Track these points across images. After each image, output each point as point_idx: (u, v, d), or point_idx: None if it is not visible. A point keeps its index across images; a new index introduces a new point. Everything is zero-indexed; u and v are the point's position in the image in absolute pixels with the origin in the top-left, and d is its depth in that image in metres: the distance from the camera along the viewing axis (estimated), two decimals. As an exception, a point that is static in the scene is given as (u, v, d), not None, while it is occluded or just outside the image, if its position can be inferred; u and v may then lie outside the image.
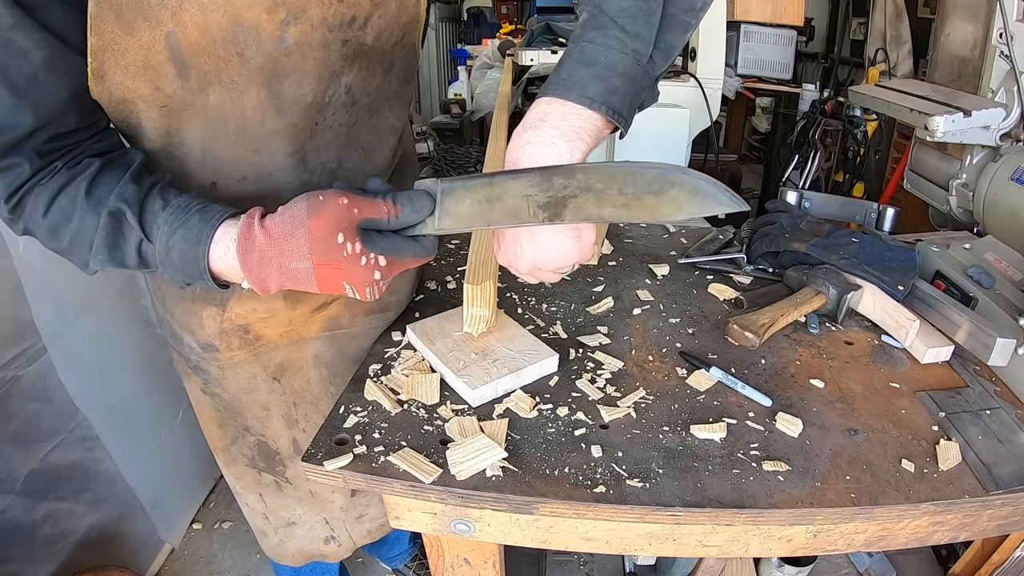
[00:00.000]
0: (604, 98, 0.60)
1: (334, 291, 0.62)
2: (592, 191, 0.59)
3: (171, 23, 0.59)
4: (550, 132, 0.60)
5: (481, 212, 0.62)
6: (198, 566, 1.70)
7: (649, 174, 0.59)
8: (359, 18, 0.68)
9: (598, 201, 0.59)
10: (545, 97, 0.62)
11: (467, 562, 0.84)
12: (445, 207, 0.62)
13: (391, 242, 0.63)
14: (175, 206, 0.63)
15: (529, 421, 0.77)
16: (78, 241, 0.64)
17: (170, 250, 0.63)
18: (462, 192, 0.62)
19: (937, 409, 0.81)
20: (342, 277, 0.61)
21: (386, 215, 0.61)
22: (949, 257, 1.11)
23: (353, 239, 0.60)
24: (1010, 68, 1.13)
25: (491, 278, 0.85)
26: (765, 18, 2.90)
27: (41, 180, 0.62)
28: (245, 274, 0.62)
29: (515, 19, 5.85)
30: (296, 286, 0.62)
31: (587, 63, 0.61)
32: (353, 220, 0.60)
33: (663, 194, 0.58)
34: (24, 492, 1.25)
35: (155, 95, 0.64)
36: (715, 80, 1.60)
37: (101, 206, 0.62)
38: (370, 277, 0.62)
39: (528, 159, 0.60)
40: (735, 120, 4.53)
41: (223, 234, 0.62)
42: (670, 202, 0.58)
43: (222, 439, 1.01)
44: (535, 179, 0.60)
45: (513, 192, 0.60)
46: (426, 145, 2.76)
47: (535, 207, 0.60)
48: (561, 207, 0.59)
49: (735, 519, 0.66)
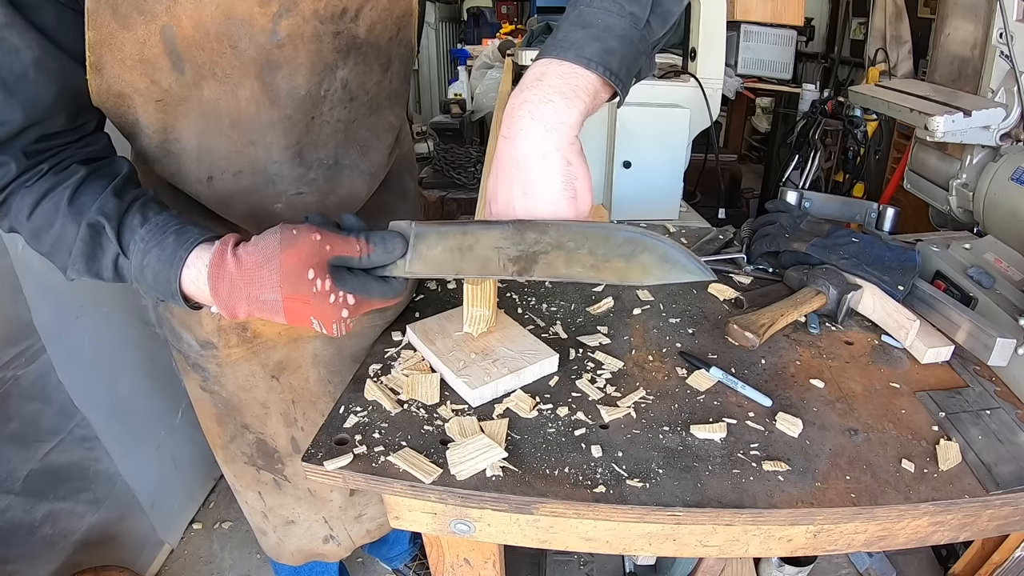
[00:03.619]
0: (601, 59, 0.60)
1: (301, 324, 0.63)
2: (563, 249, 0.60)
3: (166, 17, 0.60)
4: (547, 90, 0.59)
5: (452, 260, 0.62)
6: (198, 566, 1.70)
7: (620, 237, 0.60)
8: (350, 10, 0.69)
9: (568, 260, 0.60)
10: (542, 58, 0.61)
11: (467, 562, 0.84)
12: (417, 251, 0.63)
13: (361, 281, 0.63)
14: (153, 224, 0.64)
15: (529, 421, 0.76)
16: (59, 247, 0.64)
17: (144, 268, 0.63)
18: (435, 238, 0.63)
19: (937, 409, 0.81)
20: (310, 312, 0.61)
21: (358, 254, 0.62)
22: (949, 257, 1.11)
23: (323, 276, 0.60)
24: (1010, 68, 1.13)
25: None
26: (765, 18, 2.90)
27: (27, 181, 0.62)
28: (214, 300, 0.62)
29: (515, 19, 5.84)
30: (264, 315, 0.63)
31: (584, 25, 0.61)
32: (324, 257, 0.60)
33: (633, 258, 0.60)
34: (24, 492, 1.25)
35: (151, 89, 0.65)
36: (715, 80, 1.60)
37: (82, 216, 0.63)
38: (337, 315, 0.62)
39: (526, 116, 0.59)
40: (735, 120, 4.53)
41: (196, 258, 0.62)
42: (639, 267, 0.60)
43: (221, 437, 1.01)
44: (508, 231, 0.60)
45: (485, 243, 0.61)
46: (426, 145, 2.76)
47: (505, 260, 0.61)
48: (531, 263, 0.60)
49: (735, 519, 0.66)
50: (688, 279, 0.61)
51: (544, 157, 0.59)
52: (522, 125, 0.59)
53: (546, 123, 0.59)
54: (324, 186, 0.81)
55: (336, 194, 0.83)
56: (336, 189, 0.83)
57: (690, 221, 1.62)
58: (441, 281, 1.10)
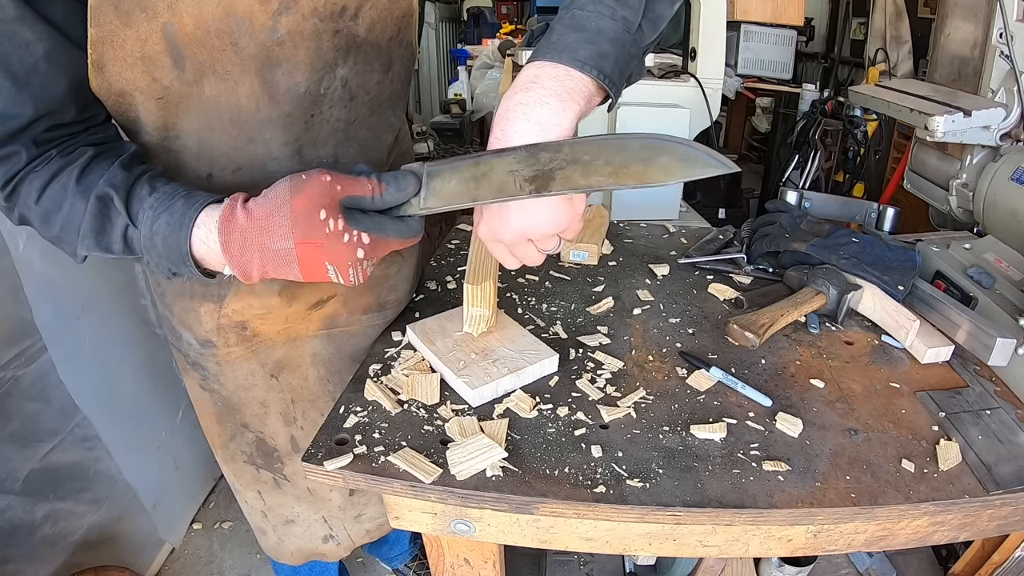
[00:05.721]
0: (595, 62, 0.60)
1: (318, 275, 0.61)
2: (579, 163, 0.58)
3: (167, 14, 0.60)
4: (542, 92, 0.59)
5: (467, 190, 0.61)
6: (198, 566, 1.70)
7: (636, 143, 0.58)
8: (349, 8, 0.69)
9: (585, 171, 0.58)
10: (535, 61, 0.61)
11: (467, 562, 0.84)
12: (431, 187, 0.62)
13: (375, 220, 0.62)
14: (162, 192, 0.63)
15: (529, 421, 0.77)
16: (68, 228, 0.64)
17: (154, 235, 0.63)
18: (448, 172, 0.62)
19: (937, 409, 0.81)
20: (324, 256, 0.60)
21: (370, 193, 0.61)
22: (949, 257, 1.11)
23: (336, 215, 0.59)
24: (1010, 68, 1.13)
25: (491, 278, 0.85)
26: (765, 18, 2.90)
27: (35, 167, 0.62)
28: (226, 257, 0.61)
29: (515, 19, 5.85)
30: (278, 271, 0.61)
31: (577, 28, 0.61)
32: (336, 196, 0.60)
33: (652, 161, 0.57)
34: (24, 492, 1.25)
35: (152, 86, 0.65)
36: (715, 80, 1.60)
37: (90, 191, 0.63)
38: (353, 255, 0.61)
39: (520, 118, 0.59)
40: (735, 120, 4.53)
41: (206, 216, 0.62)
42: (659, 168, 0.57)
43: (221, 435, 1.01)
44: (521, 155, 0.59)
45: (499, 169, 0.59)
46: (426, 145, 2.76)
47: (521, 181, 0.59)
48: (548, 179, 0.58)
49: (735, 519, 0.66)
50: (710, 173, 0.58)
51: None
52: (517, 127, 0.59)
53: (542, 125, 0.58)
54: None
55: None
56: None
57: (690, 221, 1.62)
58: (441, 281, 1.10)
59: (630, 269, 1.17)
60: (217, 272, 0.66)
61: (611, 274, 1.15)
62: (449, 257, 1.21)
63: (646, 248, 1.26)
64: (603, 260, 1.20)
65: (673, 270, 1.17)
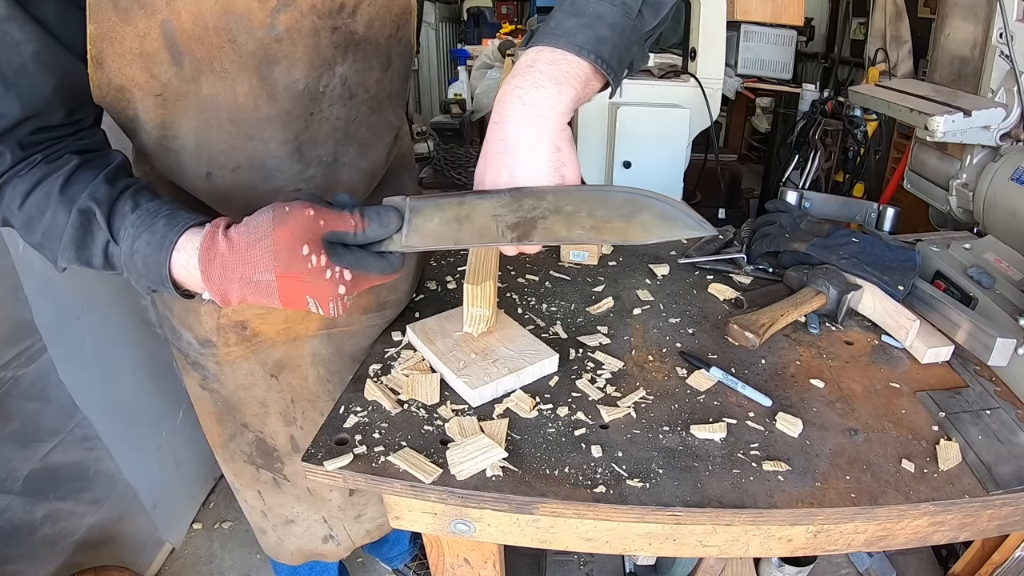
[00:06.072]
0: (593, 47, 0.60)
1: (297, 305, 0.61)
2: (562, 213, 0.59)
3: (166, 11, 0.60)
4: (538, 76, 0.59)
5: (449, 231, 0.61)
6: (198, 566, 1.70)
7: (618, 198, 0.59)
8: (348, 6, 0.69)
9: (567, 223, 0.59)
10: (534, 46, 0.61)
11: (467, 562, 0.84)
12: (413, 224, 0.62)
13: (357, 257, 0.62)
14: (144, 210, 0.63)
15: (529, 421, 0.77)
16: (50, 236, 0.64)
17: (134, 254, 0.62)
18: (431, 210, 0.62)
19: (937, 409, 0.81)
20: (305, 290, 0.60)
21: (352, 228, 0.61)
22: (949, 257, 1.11)
23: (318, 251, 0.59)
24: (1010, 68, 1.13)
25: (491, 278, 0.85)
26: (765, 18, 2.90)
27: (20, 171, 0.62)
28: (206, 284, 0.61)
29: (515, 19, 5.85)
30: (258, 299, 0.61)
31: (576, 13, 0.61)
32: (319, 232, 0.59)
33: (632, 218, 0.59)
34: (24, 492, 1.25)
35: (151, 83, 0.65)
36: (715, 80, 1.60)
37: (73, 203, 0.62)
38: (334, 291, 0.61)
39: (516, 101, 0.59)
40: (735, 120, 4.53)
41: (187, 241, 0.61)
42: (639, 226, 0.59)
43: (220, 435, 1.01)
44: (505, 199, 0.60)
45: (482, 211, 0.60)
46: (426, 145, 2.76)
47: (503, 227, 0.60)
48: (530, 228, 0.60)
49: (735, 519, 0.66)
50: (688, 235, 0.61)
51: (533, 142, 0.59)
52: (512, 110, 0.59)
53: (536, 108, 0.59)
54: (322, 183, 0.81)
55: (334, 192, 0.83)
56: (334, 187, 0.83)
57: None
58: (441, 281, 1.10)
59: (630, 269, 1.17)
60: (196, 293, 0.66)
61: (611, 274, 1.15)
62: (449, 257, 1.21)
63: (646, 248, 1.26)
64: (603, 260, 1.20)
65: (673, 270, 1.17)
